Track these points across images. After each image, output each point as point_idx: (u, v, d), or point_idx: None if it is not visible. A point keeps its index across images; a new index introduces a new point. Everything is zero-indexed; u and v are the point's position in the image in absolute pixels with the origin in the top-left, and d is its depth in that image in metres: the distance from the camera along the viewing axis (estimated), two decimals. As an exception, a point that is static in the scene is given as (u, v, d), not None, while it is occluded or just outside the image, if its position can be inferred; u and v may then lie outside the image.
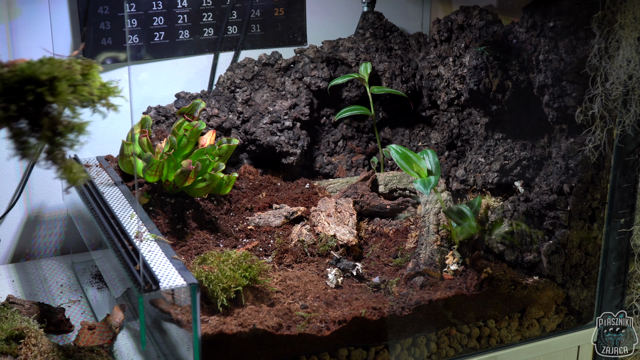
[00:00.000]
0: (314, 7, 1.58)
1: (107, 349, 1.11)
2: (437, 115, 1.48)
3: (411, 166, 1.19)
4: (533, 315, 1.18)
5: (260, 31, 1.54)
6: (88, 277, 1.36)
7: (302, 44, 1.57)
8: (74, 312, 1.25)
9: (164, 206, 1.21)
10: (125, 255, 0.99)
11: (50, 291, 1.33)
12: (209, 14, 1.49)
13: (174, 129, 1.20)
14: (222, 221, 1.26)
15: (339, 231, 1.21)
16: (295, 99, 1.46)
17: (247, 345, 0.98)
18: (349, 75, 1.46)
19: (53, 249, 1.48)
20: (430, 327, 1.10)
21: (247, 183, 1.37)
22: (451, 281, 1.15)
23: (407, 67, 1.52)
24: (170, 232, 1.19)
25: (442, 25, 1.45)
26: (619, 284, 1.23)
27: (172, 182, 1.20)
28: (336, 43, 1.55)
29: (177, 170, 1.19)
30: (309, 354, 1.03)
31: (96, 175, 1.26)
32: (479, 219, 1.21)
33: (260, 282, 1.05)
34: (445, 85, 1.41)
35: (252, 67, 1.49)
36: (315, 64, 1.49)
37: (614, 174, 1.16)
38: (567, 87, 1.17)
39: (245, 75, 1.48)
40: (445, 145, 1.45)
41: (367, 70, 1.46)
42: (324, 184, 1.41)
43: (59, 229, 1.47)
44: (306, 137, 1.45)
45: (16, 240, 1.45)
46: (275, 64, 1.50)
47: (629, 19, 1.07)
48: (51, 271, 1.41)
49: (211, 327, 0.97)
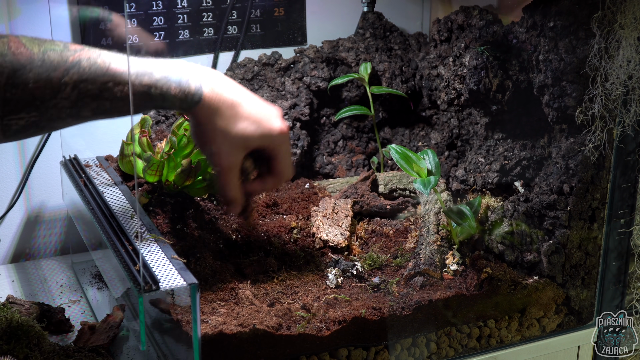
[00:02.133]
0: (314, 7, 1.58)
1: (107, 349, 1.11)
2: (437, 115, 1.48)
3: (411, 166, 1.19)
4: (533, 315, 1.18)
5: (260, 31, 1.54)
6: (88, 277, 1.36)
7: (302, 44, 1.57)
8: (74, 312, 1.25)
9: (164, 206, 1.21)
10: (125, 255, 0.99)
11: (50, 291, 1.33)
12: (209, 14, 1.49)
13: (174, 129, 1.20)
14: (222, 221, 1.26)
15: (331, 232, 1.22)
16: (295, 99, 1.46)
17: (247, 345, 0.98)
18: (349, 75, 1.46)
19: (53, 249, 1.48)
20: (430, 327, 1.10)
21: (247, 183, 1.37)
22: (451, 281, 1.15)
23: (407, 67, 1.52)
24: (170, 232, 1.19)
25: (442, 25, 1.45)
26: (619, 284, 1.23)
27: (172, 182, 1.20)
28: (336, 43, 1.55)
29: (177, 170, 1.19)
30: (309, 354, 1.03)
31: (96, 175, 1.26)
32: (479, 219, 1.21)
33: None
34: (445, 85, 1.41)
35: (252, 67, 1.49)
36: (315, 64, 1.49)
37: (614, 174, 1.16)
38: (567, 87, 1.17)
39: (245, 75, 1.48)
40: (445, 145, 1.45)
41: (367, 70, 1.46)
42: (324, 184, 1.41)
43: (59, 229, 1.47)
44: (306, 137, 1.45)
45: (16, 240, 1.45)
46: (275, 64, 1.50)
47: (629, 19, 1.07)
48: (51, 271, 1.41)
49: (211, 327, 0.97)
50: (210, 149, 1.05)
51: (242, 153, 1.05)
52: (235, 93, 1.04)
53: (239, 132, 1.03)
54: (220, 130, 1.03)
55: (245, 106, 1.04)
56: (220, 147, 1.04)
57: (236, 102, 1.03)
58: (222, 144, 1.04)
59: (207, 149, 1.05)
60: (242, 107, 1.03)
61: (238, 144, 1.04)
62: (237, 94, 1.04)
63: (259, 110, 1.05)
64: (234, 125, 1.03)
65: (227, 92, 1.03)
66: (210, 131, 1.03)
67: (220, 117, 1.02)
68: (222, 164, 1.05)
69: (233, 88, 1.04)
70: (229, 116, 1.02)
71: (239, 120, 1.03)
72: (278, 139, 1.06)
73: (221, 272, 1.11)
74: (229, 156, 1.05)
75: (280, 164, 1.09)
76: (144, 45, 1.44)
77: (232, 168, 1.06)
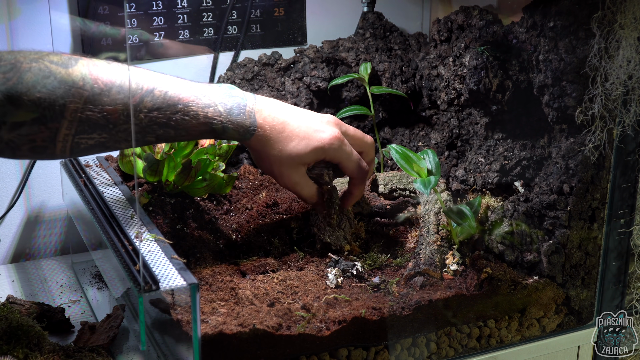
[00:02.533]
0: (314, 7, 1.58)
1: (107, 349, 1.11)
2: (437, 115, 1.48)
3: (411, 166, 1.19)
4: (533, 315, 1.18)
5: (260, 31, 1.54)
6: (88, 277, 1.36)
7: (302, 44, 1.57)
8: (74, 312, 1.25)
9: (164, 206, 1.21)
10: (125, 255, 0.99)
11: (50, 291, 1.33)
12: (209, 14, 1.49)
13: (174, 129, 1.20)
14: (222, 221, 1.26)
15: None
16: (295, 99, 1.46)
17: (247, 345, 0.98)
18: (349, 75, 1.46)
19: (53, 249, 1.48)
20: (430, 327, 1.10)
21: (247, 183, 1.37)
22: (451, 281, 1.15)
23: (407, 67, 1.52)
24: (170, 232, 1.19)
25: (442, 25, 1.45)
26: (619, 284, 1.23)
27: (172, 182, 1.20)
28: (336, 43, 1.55)
29: (177, 170, 1.19)
30: (309, 354, 1.03)
31: (96, 175, 1.26)
32: (479, 219, 1.21)
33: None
34: (445, 85, 1.41)
35: (252, 67, 1.49)
36: (315, 64, 1.49)
37: (614, 174, 1.16)
38: (567, 87, 1.17)
39: (245, 76, 1.48)
40: (445, 145, 1.45)
41: (367, 70, 1.46)
42: (324, 184, 1.41)
43: (59, 229, 1.47)
44: (306, 137, 1.45)
45: (16, 240, 1.45)
46: (275, 64, 1.50)
47: (629, 19, 1.07)
48: (51, 271, 1.41)
49: (211, 327, 0.97)
50: (272, 172, 1.14)
51: (301, 170, 1.13)
52: (284, 115, 1.11)
53: (292, 154, 1.11)
54: (275, 155, 1.11)
55: (294, 126, 1.11)
56: (280, 170, 1.12)
57: (285, 125, 1.10)
58: (280, 167, 1.12)
59: (269, 172, 1.14)
60: (291, 127, 1.11)
61: (294, 165, 1.12)
62: (286, 116, 1.11)
63: (307, 126, 1.12)
64: (286, 148, 1.10)
65: (277, 117, 1.10)
66: (266, 157, 1.12)
67: (273, 143, 1.10)
68: (286, 184, 1.14)
69: (281, 111, 1.11)
70: (281, 140, 1.10)
71: (289, 142, 1.10)
72: (331, 148, 1.12)
73: (221, 272, 1.11)
74: (290, 176, 1.13)
75: (347, 166, 1.16)
76: (170, 54, 1.46)
77: (296, 184, 1.14)
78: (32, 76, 0.95)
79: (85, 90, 0.97)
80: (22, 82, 0.95)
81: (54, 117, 0.97)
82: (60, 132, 0.98)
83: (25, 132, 0.97)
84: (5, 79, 0.94)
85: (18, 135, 0.97)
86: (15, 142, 0.98)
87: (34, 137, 0.98)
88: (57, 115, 0.97)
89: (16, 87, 0.95)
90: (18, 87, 0.95)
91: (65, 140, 0.99)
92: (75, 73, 0.98)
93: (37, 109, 0.95)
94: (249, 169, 1.41)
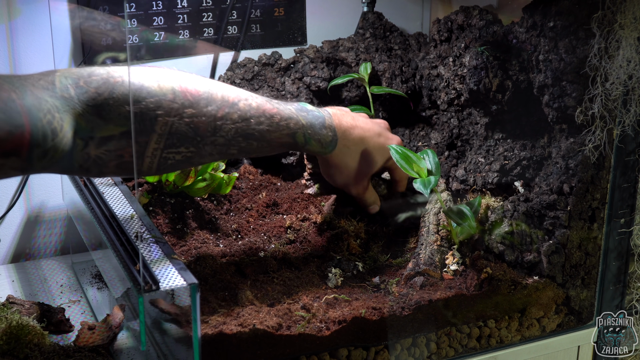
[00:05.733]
0: (314, 7, 1.58)
1: (107, 349, 1.11)
2: (437, 115, 1.48)
3: (411, 166, 1.19)
4: (533, 315, 1.18)
5: (260, 31, 1.54)
6: (88, 277, 1.36)
7: (302, 44, 1.57)
8: (74, 312, 1.25)
9: (164, 206, 1.21)
10: (125, 255, 0.98)
11: (50, 291, 1.33)
12: (209, 14, 1.49)
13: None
14: (222, 221, 1.26)
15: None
16: (295, 99, 1.46)
17: (247, 345, 0.98)
18: (349, 75, 1.46)
19: (53, 249, 1.48)
20: (430, 327, 1.10)
21: (247, 183, 1.37)
22: (451, 281, 1.15)
23: (407, 67, 1.52)
24: (170, 232, 1.19)
25: (442, 25, 1.45)
26: (619, 284, 1.23)
27: (172, 182, 1.20)
28: (336, 43, 1.55)
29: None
30: (309, 354, 1.03)
31: (96, 175, 1.26)
32: (479, 219, 1.21)
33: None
34: (445, 85, 1.41)
35: (252, 67, 1.49)
36: (315, 64, 1.49)
37: (614, 174, 1.16)
38: (567, 87, 1.17)
39: (245, 76, 1.48)
40: (445, 145, 1.45)
41: (367, 70, 1.46)
42: (324, 184, 1.41)
43: (59, 229, 1.48)
44: (306, 137, 1.45)
45: (16, 240, 1.45)
46: (275, 64, 1.50)
47: (629, 19, 1.07)
48: (51, 271, 1.41)
49: (211, 327, 0.97)
50: (347, 183, 1.22)
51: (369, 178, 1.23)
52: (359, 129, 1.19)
53: (371, 165, 1.21)
54: (354, 168, 1.20)
55: (371, 140, 1.20)
56: (357, 180, 1.21)
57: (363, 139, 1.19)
58: (358, 178, 1.21)
59: (344, 183, 1.22)
60: (367, 141, 1.20)
61: (369, 175, 1.22)
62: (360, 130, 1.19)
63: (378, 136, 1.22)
64: (365, 161, 1.20)
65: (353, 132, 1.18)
66: (345, 169, 1.20)
67: (354, 156, 1.19)
68: (359, 193, 1.23)
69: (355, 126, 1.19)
70: (357, 153, 1.19)
71: (368, 155, 1.20)
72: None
73: (221, 272, 1.11)
74: (366, 186, 1.23)
75: (400, 173, 1.26)
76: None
77: (365, 191, 1.24)
78: (123, 90, 0.94)
79: (176, 102, 0.97)
80: (113, 96, 0.94)
81: (144, 131, 0.97)
82: (149, 146, 0.98)
83: (114, 147, 0.96)
84: (97, 93, 0.93)
85: (106, 151, 0.96)
86: (103, 158, 0.97)
87: (122, 152, 0.97)
88: (147, 129, 0.97)
89: (107, 101, 0.94)
90: (109, 101, 0.94)
91: (153, 155, 0.99)
92: (165, 86, 0.98)
93: (127, 122, 0.95)
94: (249, 169, 1.41)
